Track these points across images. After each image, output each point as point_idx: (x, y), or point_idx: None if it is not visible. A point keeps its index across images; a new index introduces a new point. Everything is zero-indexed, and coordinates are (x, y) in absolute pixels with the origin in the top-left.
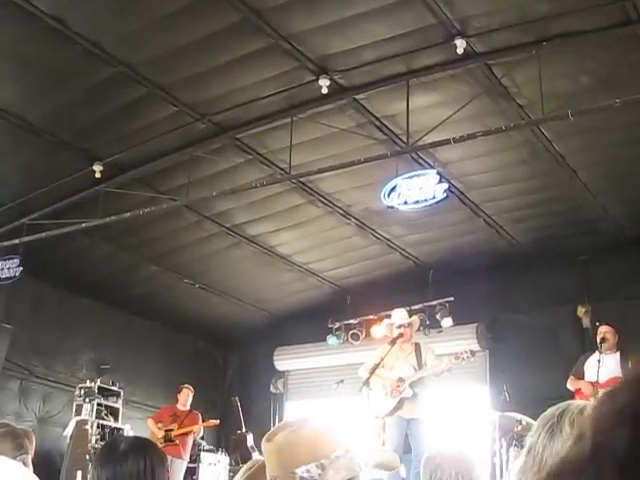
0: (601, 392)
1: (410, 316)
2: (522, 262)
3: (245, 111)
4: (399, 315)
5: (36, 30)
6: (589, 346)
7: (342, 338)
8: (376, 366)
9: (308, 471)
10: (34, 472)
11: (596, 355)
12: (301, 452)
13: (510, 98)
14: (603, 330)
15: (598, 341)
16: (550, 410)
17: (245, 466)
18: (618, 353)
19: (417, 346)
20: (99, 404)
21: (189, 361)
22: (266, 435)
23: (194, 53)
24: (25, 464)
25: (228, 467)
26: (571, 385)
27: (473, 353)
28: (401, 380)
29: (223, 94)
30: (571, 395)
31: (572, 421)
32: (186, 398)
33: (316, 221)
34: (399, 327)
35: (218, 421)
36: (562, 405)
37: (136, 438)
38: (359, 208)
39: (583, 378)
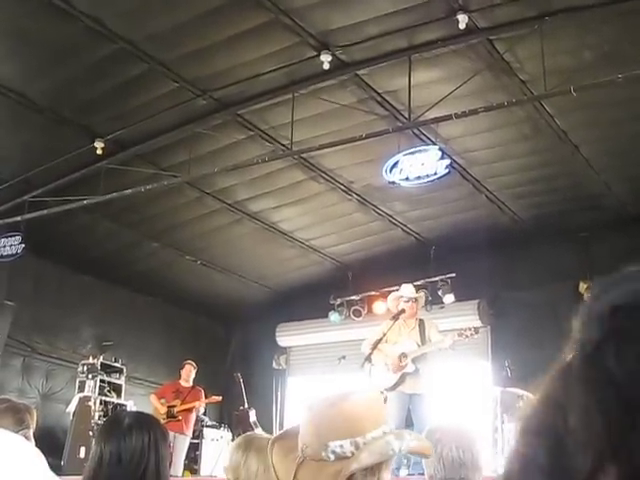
0: None
1: (416, 292)
2: (524, 238)
3: (246, 87)
4: (408, 289)
5: (37, 6)
6: None
7: (344, 314)
8: (378, 341)
9: (341, 446)
10: (37, 447)
11: None
12: (338, 426)
13: (512, 73)
14: None
15: None
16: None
17: (240, 440)
18: None
19: (421, 322)
20: (102, 381)
21: (191, 337)
22: (308, 403)
23: (195, 29)
24: (27, 438)
25: (230, 443)
26: None
27: (477, 330)
28: (404, 355)
29: (224, 70)
30: None
31: None
32: (188, 374)
33: (318, 197)
34: (407, 301)
35: (221, 397)
36: None
37: (140, 413)
38: (361, 184)
39: None
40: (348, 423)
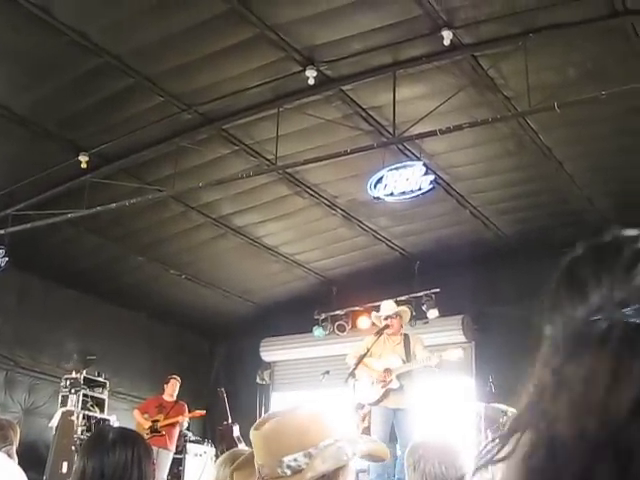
0: None
1: (398, 307)
2: (508, 254)
3: (231, 102)
4: (386, 307)
5: (21, 19)
6: None
7: (328, 329)
8: (362, 357)
9: (295, 460)
10: (19, 463)
11: None
12: (288, 441)
13: (496, 90)
14: None
15: None
16: None
17: (225, 456)
18: None
19: (406, 337)
20: (85, 395)
21: (175, 352)
22: (255, 424)
23: (180, 43)
24: (10, 455)
25: (214, 458)
26: None
27: (463, 350)
28: (388, 371)
29: (209, 84)
30: None
31: None
32: (173, 389)
33: (302, 212)
34: (386, 319)
35: (204, 412)
36: None
37: (123, 429)
38: (345, 199)
39: None
40: (298, 436)
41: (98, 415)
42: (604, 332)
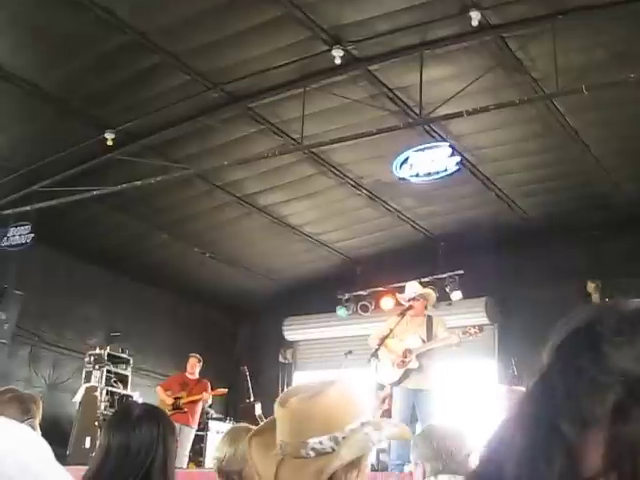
0: None
1: (422, 288)
2: (532, 236)
3: (258, 81)
4: (411, 288)
5: None
6: None
7: (351, 309)
8: (385, 337)
9: (320, 443)
10: (42, 437)
11: None
12: (315, 422)
13: (524, 71)
14: None
15: None
16: None
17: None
18: None
19: (429, 318)
20: (108, 371)
21: (198, 330)
22: (279, 398)
23: (207, 22)
24: (32, 428)
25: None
26: None
27: (481, 329)
28: (408, 351)
29: (236, 63)
30: None
31: None
32: (193, 367)
33: (327, 192)
34: (409, 300)
35: (226, 390)
36: None
37: (149, 406)
38: (370, 179)
39: None
40: (325, 419)
41: (121, 391)
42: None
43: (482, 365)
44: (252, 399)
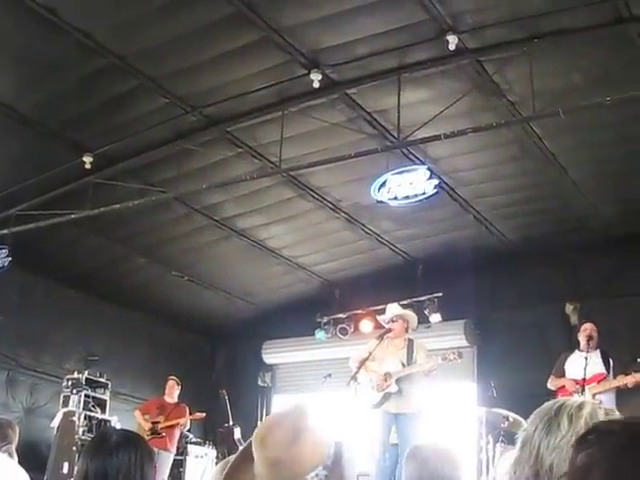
0: (587, 388)
1: (403, 309)
2: (511, 259)
3: (236, 104)
4: (390, 310)
5: (27, 20)
6: (576, 344)
7: (330, 332)
8: (364, 360)
9: (317, 475)
10: (20, 463)
11: (579, 353)
12: (308, 460)
13: (501, 95)
14: (589, 328)
15: (584, 339)
16: (547, 405)
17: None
18: (598, 350)
19: (410, 342)
20: (86, 395)
21: (177, 354)
22: (257, 441)
23: (186, 45)
24: (10, 454)
25: (215, 460)
26: (552, 384)
27: (460, 355)
28: (388, 375)
29: (214, 87)
30: (552, 394)
31: (570, 416)
32: (171, 390)
33: (306, 215)
34: (389, 322)
35: (204, 414)
36: (559, 400)
37: (127, 432)
38: (349, 202)
39: (564, 377)
40: (312, 455)
41: (99, 416)
42: None
43: (461, 388)
44: (231, 423)
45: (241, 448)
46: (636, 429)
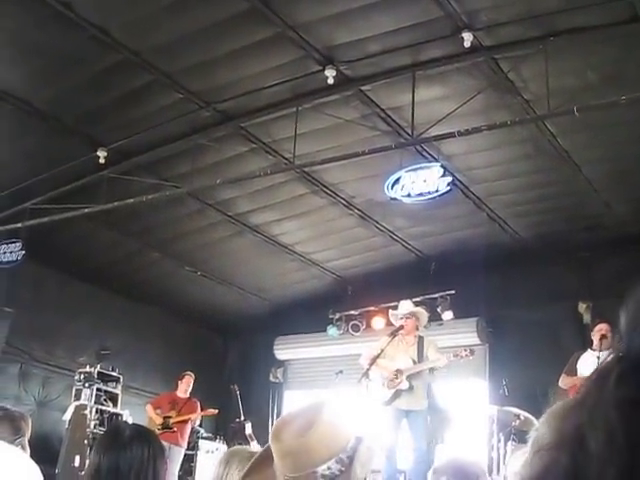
0: None
1: (415, 307)
2: (524, 257)
3: (250, 100)
4: (404, 306)
5: (43, 15)
6: (589, 343)
7: (342, 329)
8: (376, 357)
9: (329, 468)
10: (31, 455)
11: (591, 353)
12: (318, 452)
13: (516, 93)
14: (605, 328)
15: (598, 338)
16: (559, 404)
17: (225, 454)
18: (611, 350)
19: (420, 339)
20: (98, 389)
21: (189, 348)
22: (272, 433)
23: (201, 41)
24: (22, 447)
25: None
26: (564, 383)
27: (472, 351)
28: (399, 372)
29: (229, 82)
30: (563, 393)
31: None
32: (188, 385)
33: (319, 211)
34: (402, 318)
35: (217, 410)
36: (570, 401)
37: (139, 426)
38: (362, 199)
39: (576, 375)
40: (325, 445)
41: (111, 409)
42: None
43: (473, 385)
44: (242, 418)
45: (260, 451)
46: None
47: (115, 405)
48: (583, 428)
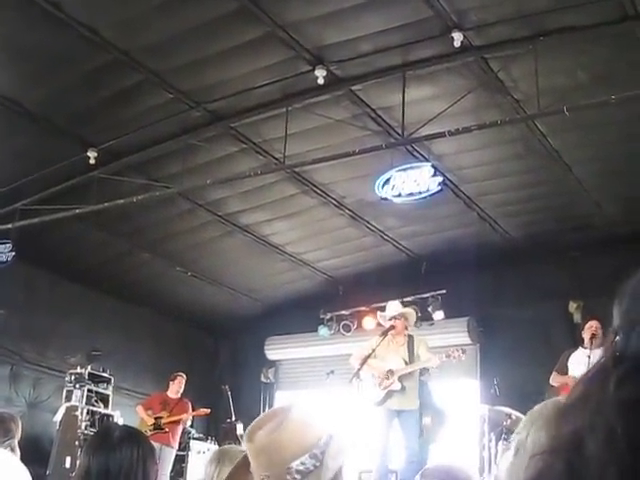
0: None
1: (404, 308)
2: (515, 256)
3: (241, 100)
4: (392, 307)
5: (32, 15)
6: (580, 341)
7: (333, 329)
8: (367, 357)
9: (303, 463)
10: (22, 457)
11: (582, 351)
12: (290, 448)
13: (506, 92)
14: (595, 326)
15: (588, 337)
16: (538, 407)
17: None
18: (601, 348)
19: (410, 338)
20: (89, 390)
21: (180, 349)
22: (245, 436)
23: (191, 41)
24: (12, 448)
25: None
26: (555, 381)
27: (464, 351)
28: (390, 372)
29: (219, 82)
30: (554, 391)
31: None
32: (180, 386)
33: (310, 211)
34: (390, 319)
35: (209, 410)
36: (550, 401)
37: (129, 427)
38: (353, 199)
39: (566, 374)
40: (297, 440)
41: (102, 410)
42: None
43: (464, 385)
44: (234, 419)
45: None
46: None
47: (106, 406)
48: (581, 431)
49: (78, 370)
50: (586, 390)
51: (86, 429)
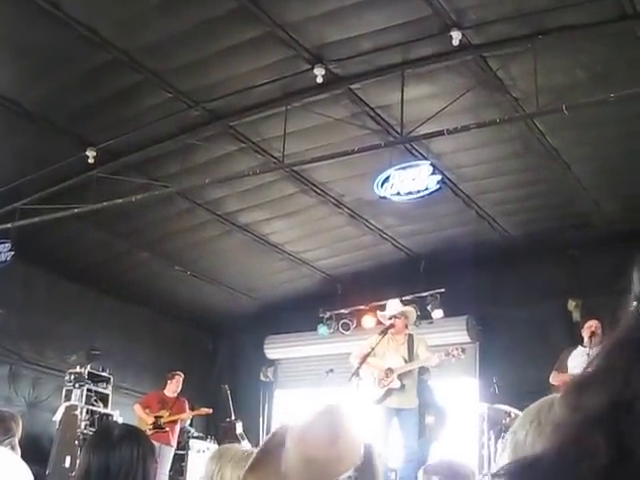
0: None
1: (404, 306)
2: (513, 255)
3: (239, 99)
4: (392, 306)
5: (31, 14)
6: (579, 340)
7: (332, 327)
8: (366, 356)
9: (349, 477)
10: (22, 456)
11: (581, 349)
12: (346, 461)
13: (505, 91)
14: (594, 325)
15: (588, 335)
16: (535, 405)
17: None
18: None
19: (410, 337)
20: (89, 390)
21: (179, 348)
22: (296, 438)
23: (190, 40)
24: (12, 447)
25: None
26: (555, 380)
27: (464, 350)
28: (390, 370)
29: (218, 82)
30: (555, 390)
31: None
32: (178, 385)
33: (309, 210)
34: (391, 318)
35: (211, 410)
36: (547, 399)
37: (129, 426)
38: (352, 198)
39: (566, 372)
40: (353, 453)
41: (102, 410)
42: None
43: (463, 384)
44: (233, 418)
45: (261, 445)
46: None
47: (105, 405)
48: (623, 397)
49: (77, 369)
50: (613, 357)
51: (86, 428)
